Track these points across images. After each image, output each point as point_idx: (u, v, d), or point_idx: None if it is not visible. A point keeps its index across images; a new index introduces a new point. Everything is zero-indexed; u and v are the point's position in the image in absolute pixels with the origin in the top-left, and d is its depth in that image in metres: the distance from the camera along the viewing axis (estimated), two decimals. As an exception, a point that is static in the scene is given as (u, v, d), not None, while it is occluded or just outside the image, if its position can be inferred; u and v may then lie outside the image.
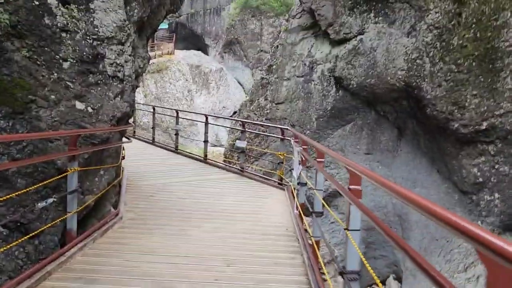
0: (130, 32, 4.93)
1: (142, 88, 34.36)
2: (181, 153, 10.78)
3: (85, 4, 4.53)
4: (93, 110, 4.47)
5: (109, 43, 4.64)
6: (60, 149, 4.08)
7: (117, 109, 4.72)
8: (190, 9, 53.99)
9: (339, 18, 13.68)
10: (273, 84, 15.39)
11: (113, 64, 4.68)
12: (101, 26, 4.58)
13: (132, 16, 5.19)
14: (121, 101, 4.83)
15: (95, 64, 4.55)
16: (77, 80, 4.39)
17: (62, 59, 4.29)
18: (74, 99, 4.32)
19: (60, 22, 4.31)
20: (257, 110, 15.60)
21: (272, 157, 14.76)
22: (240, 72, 48.56)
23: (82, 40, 4.46)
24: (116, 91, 4.74)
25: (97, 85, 4.54)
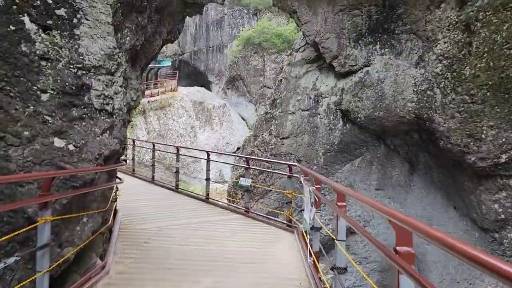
0: (121, 61, 4.45)
1: (145, 125, 34.11)
2: (182, 192, 10.13)
3: (69, 30, 4.05)
4: (75, 148, 3.91)
5: (97, 72, 4.13)
6: (33, 194, 3.49)
7: (105, 146, 4.16)
8: (193, 47, 54.73)
9: (343, 50, 13.35)
10: (278, 118, 14.91)
11: (101, 96, 4.16)
12: (87, 54, 4.09)
13: (123, 44, 4.72)
14: (110, 137, 4.27)
15: (80, 96, 4.03)
16: (57, 114, 3.85)
17: (40, 91, 3.76)
18: (53, 136, 3.76)
19: (40, 49, 3.82)
20: (262, 146, 15.05)
21: (277, 194, 14.06)
22: (243, 108, 48.54)
23: (65, 69, 3.95)
24: (104, 126, 4.19)
25: (81, 120, 4.00)
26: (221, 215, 7.89)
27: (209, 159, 9.43)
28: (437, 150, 11.80)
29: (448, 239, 1.46)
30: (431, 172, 12.61)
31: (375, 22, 12.93)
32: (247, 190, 7.86)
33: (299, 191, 13.34)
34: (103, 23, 4.21)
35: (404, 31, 12.43)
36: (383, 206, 2.28)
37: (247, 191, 7.90)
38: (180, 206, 8.48)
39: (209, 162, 9.36)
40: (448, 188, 12.23)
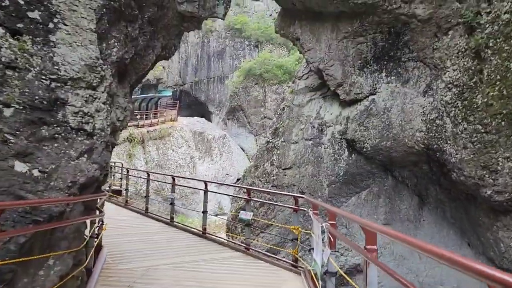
0: (105, 74, 3.88)
1: (144, 155, 33.50)
2: (177, 225, 9.32)
3: (43, 36, 3.49)
4: (42, 174, 3.28)
5: (74, 85, 3.56)
6: (-17, 230, 2.83)
7: (81, 172, 3.53)
8: (194, 78, 54.87)
9: (348, 78, 12.90)
10: (280, 148, 14.30)
11: (79, 113, 3.57)
12: (63, 64, 3.52)
13: (109, 56, 4.16)
14: (88, 162, 3.65)
15: (52, 113, 3.43)
16: (23, 133, 3.24)
17: (2, 104, 3.16)
18: (14, 158, 3.14)
19: (6, 56, 3.25)
20: (263, 176, 14.36)
21: (279, 229, 13.27)
22: (243, 139, 48.09)
23: (35, 80, 3.37)
24: (81, 149, 3.58)
25: (52, 140, 3.39)
26: (219, 252, 7.08)
27: (206, 189, 8.71)
28: (449, 183, 11.14)
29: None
30: (443, 207, 11.88)
31: (380, 49, 12.52)
32: (248, 225, 7.09)
33: (305, 226, 12.55)
34: (84, 29, 3.66)
35: (411, 58, 12.00)
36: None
37: (247, 226, 7.12)
38: (174, 241, 7.69)
39: (206, 193, 8.63)
40: (461, 223, 11.48)
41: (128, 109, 5.02)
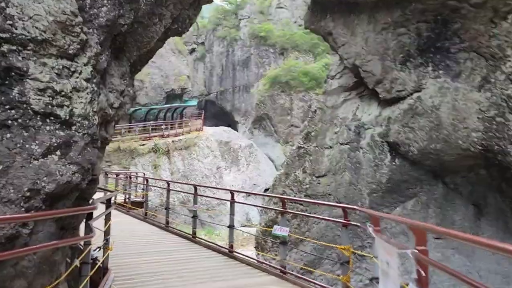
0: (89, 41, 2.83)
1: (169, 166, 32.78)
2: (200, 242, 8.12)
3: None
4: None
5: (39, 51, 2.51)
6: None
7: (48, 176, 2.48)
8: (220, 87, 54.32)
9: (389, 74, 11.57)
10: (313, 153, 13.03)
11: (46, 91, 2.52)
12: (21, 19, 2.46)
13: (96, 17, 3.08)
14: (62, 162, 2.60)
15: (3, 88, 2.37)
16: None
17: None
18: None
19: None
20: (294, 185, 13.11)
21: (313, 245, 11.97)
22: (270, 148, 46.91)
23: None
24: (50, 143, 2.54)
25: (3, 129, 2.33)
26: (249, 276, 5.84)
27: (233, 200, 7.53)
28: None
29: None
30: (505, 218, 10.32)
31: (425, 40, 11.14)
32: (284, 242, 5.84)
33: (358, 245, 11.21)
34: (53, -30, 2.61)
35: (462, 49, 10.56)
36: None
37: (283, 244, 5.86)
38: (196, 262, 6.51)
39: (233, 205, 7.44)
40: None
41: (127, 94, 3.95)
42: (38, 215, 2.56)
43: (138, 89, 38.35)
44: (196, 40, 58.42)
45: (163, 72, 41.85)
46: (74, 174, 2.83)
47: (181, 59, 46.29)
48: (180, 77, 44.18)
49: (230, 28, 53.74)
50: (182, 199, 31.85)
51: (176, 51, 45.25)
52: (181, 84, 44.53)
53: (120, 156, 28.61)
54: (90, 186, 3.55)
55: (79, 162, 2.86)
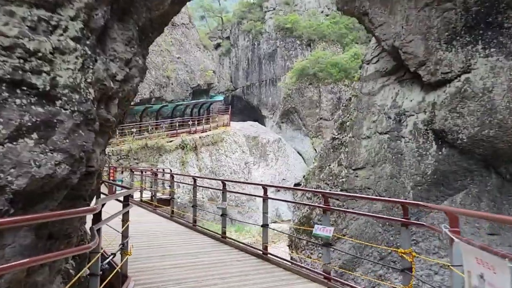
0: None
1: (197, 162, 32.35)
2: (230, 242, 7.37)
3: None
4: None
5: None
6: None
7: (17, 168, 1.80)
8: (246, 82, 53.66)
9: (433, 54, 10.52)
10: (349, 145, 12.13)
11: (14, 50, 1.85)
12: None
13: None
14: (40, 148, 1.94)
15: None
16: None
17: None
18: None
19: None
20: (329, 179, 12.24)
21: (350, 243, 11.10)
22: (299, 142, 45.95)
23: None
24: (19, 123, 1.86)
25: None
26: (288, 283, 5.00)
27: (266, 196, 6.75)
28: None
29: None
30: None
31: (474, 16, 10.05)
32: (327, 244, 5.00)
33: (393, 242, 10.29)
34: None
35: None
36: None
37: (326, 245, 5.02)
38: (226, 266, 5.75)
39: (266, 201, 6.66)
40: None
41: (135, 65, 3.25)
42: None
43: (164, 86, 38.10)
44: (221, 35, 57.94)
45: (189, 68, 41.47)
46: (59, 165, 2.15)
47: (207, 53, 45.84)
48: (206, 72, 43.73)
49: (255, 21, 52.93)
50: (211, 196, 31.38)
51: (201, 46, 44.81)
52: (207, 79, 44.07)
53: (148, 153, 28.33)
54: (86, 182, 2.85)
55: (66, 148, 2.18)
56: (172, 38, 40.27)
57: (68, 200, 2.65)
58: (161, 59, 37.90)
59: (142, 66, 3.65)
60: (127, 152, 27.25)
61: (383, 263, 10.52)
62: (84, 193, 3.02)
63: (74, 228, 3.05)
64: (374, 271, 10.43)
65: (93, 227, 3.11)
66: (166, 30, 39.78)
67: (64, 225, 2.77)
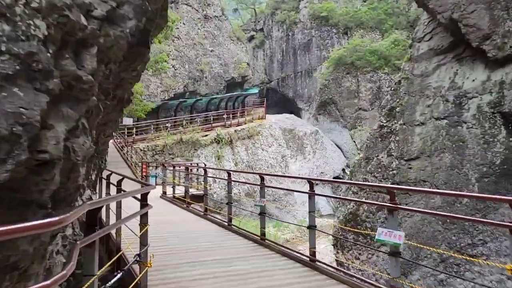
0: None
1: (232, 156, 31.60)
2: (270, 246, 6.33)
3: None
4: None
5: None
6: None
7: None
8: (281, 74, 52.48)
9: (499, 26, 9.12)
10: (399, 133, 10.87)
11: None
12: None
13: None
14: None
15: None
16: None
17: None
18: None
19: None
20: (378, 171, 11.03)
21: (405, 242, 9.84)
22: (337, 134, 44.34)
23: None
24: None
25: None
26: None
27: (313, 192, 5.66)
28: None
29: None
30: None
31: (551, -23, 8.58)
32: (396, 253, 3.89)
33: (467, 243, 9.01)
34: None
35: None
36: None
37: (394, 255, 3.88)
38: (267, 277, 4.71)
39: (313, 198, 5.59)
40: None
41: None
42: None
43: (198, 79, 37.57)
44: (254, 27, 56.91)
45: (222, 61, 40.76)
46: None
47: (240, 46, 44.96)
48: (240, 65, 42.88)
49: (289, 11, 51.50)
50: (248, 191, 30.57)
51: (234, 38, 43.97)
52: (241, 71, 43.22)
53: (183, 148, 27.82)
54: (39, 178, 1.94)
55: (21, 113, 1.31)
56: (205, 31, 39.65)
57: (10, 209, 1.79)
58: (194, 53, 37.36)
59: (140, 4, 2.70)
60: (162, 147, 26.85)
61: (444, 267, 9.29)
62: (37, 196, 2.10)
63: (25, 256, 2.14)
64: (433, 275, 9.19)
65: (77, 243, 2.21)
66: (199, 23, 39.23)
67: (3, 251, 1.89)
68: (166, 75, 33.41)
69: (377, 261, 10.12)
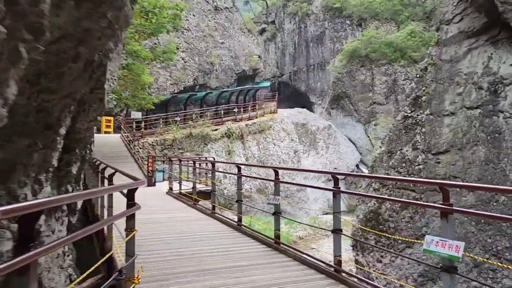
0: None
1: (243, 151, 30.80)
2: (287, 252, 5.43)
3: None
4: None
5: None
6: None
7: None
8: (292, 67, 51.45)
9: (543, 2, 8.09)
10: (426, 124, 9.93)
11: None
12: None
13: None
14: None
15: None
16: None
17: None
18: None
19: None
20: (402, 166, 10.11)
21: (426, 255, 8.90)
22: (350, 129, 43.22)
23: None
24: None
25: None
26: None
27: (338, 189, 4.69)
28: None
29: None
30: None
31: None
32: (451, 269, 2.99)
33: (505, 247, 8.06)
34: None
35: None
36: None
37: (450, 271, 2.97)
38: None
39: (338, 196, 4.65)
40: None
41: None
42: None
43: (208, 72, 36.76)
44: (265, 19, 55.87)
45: (233, 53, 39.85)
46: None
47: (251, 38, 44.00)
48: (251, 57, 41.94)
49: (302, 3, 50.32)
50: (259, 187, 29.74)
51: (245, 30, 43.03)
52: (252, 64, 42.28)
53: (192, 143, 27.07)
54: None
55: None
56: (215, 22, 38.77)
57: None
58: (204, 45, 36.51)
59: None
60: (171, 141, 26.14)
61: (478, 272, 8.35)
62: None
63: None
64: (466, 281, 8.26)
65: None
66: (209, 15, 38.36)
67: None
68: (176, 67, 32.66)
69: (401, 265, 9.22)
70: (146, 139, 25.24)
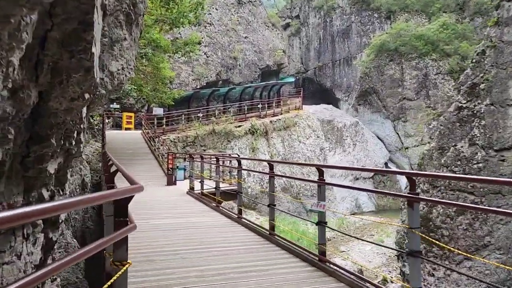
0: None
1: (268, 148, 29.65)
2: (332, 271, 4.20)
3: None
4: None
5: None
6: None
7: None
8: (317, 62, 49.96)
9: None
10: (485, 116, 8.53)
11: None
12: None
13: None
14: None
15: None
16: None
17: None
18: None
19: None
20: (456, 164, 8.76)
21: (502, 254, 7.64)
22: (379, 126, 41.52)
23: None
24: None
25: None
26: None
27: (418, 196, 3.45)
28: None
29: None
30: None
31: None
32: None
33: None
34: None
35: None
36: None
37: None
38: None
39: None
40: None
41: None
42: None
43: (231, 67, 35.75)
44: (289, 14, 54.49)
45: (257, 48, 38.71)
46: None
47: (275, 32, 42.75)
48: (275, 52, 40.71)
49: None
50: (284, 185, 28.54)
51: (269, 24, 41.81)
52: (276, 59, 41.05)
53: (215, 140, 26.12)
54: None
55: None
56: (239, 16, 37.73)
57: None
58: (228, 39, 35.52)
59: None
60: (193, 138, 25.23)
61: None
62: None
63: None
64: None
65: None
66: (232, 9, 37.35)
67: None
68: (198, 62, 31.78)
69: (459, 280, 7.89)
70: (168, 135, 24.43)
